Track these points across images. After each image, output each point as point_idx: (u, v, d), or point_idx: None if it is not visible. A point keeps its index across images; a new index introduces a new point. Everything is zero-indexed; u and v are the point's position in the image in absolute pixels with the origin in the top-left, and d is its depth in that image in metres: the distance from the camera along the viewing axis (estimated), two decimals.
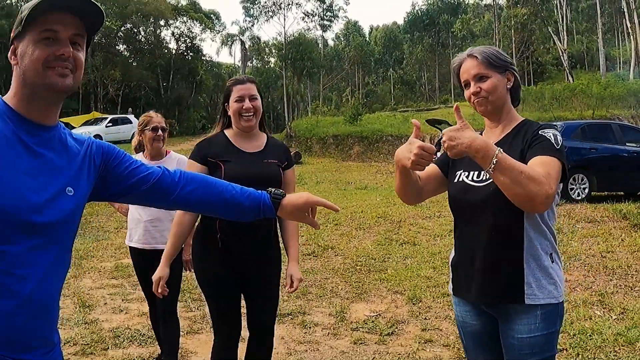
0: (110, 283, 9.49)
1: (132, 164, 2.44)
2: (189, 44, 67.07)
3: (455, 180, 3.14)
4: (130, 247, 5.83)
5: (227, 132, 4.34)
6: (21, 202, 1.95)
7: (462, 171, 3.12)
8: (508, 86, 3.09)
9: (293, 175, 4.44)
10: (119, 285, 9.30)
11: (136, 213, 5.64)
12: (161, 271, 4.19)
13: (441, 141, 2.76)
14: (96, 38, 55.50)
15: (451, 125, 2.93)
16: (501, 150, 2.66)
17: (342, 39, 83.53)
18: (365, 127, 38.03)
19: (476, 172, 3.03)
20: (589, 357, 5.63)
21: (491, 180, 2.82)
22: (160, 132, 5.60)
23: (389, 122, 39.63)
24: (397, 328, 6.88)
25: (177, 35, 66.93)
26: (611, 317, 6.83)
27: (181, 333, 5.99)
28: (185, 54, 66.81)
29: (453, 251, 3.26)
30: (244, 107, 4.17)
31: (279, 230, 4.41)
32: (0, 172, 1.91)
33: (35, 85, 2.02)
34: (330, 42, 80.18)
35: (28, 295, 1.97)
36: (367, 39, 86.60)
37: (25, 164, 1.99)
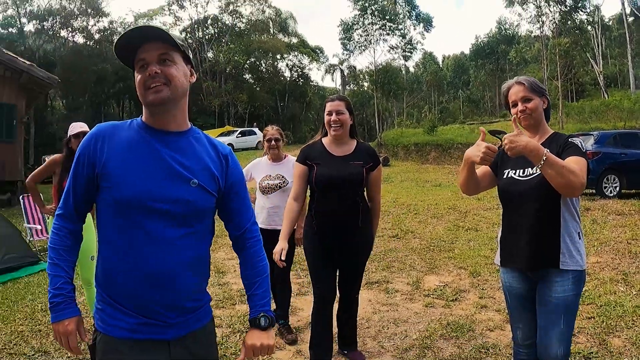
0: None
1: (240, 203, 2.36)
2: (300, 73, 67.55)
3: (504, 177, 3.33)
4: (260, 228, 6.03)
5: (324, 140, 4.45)
6: (146, 191, 1.99)
7: (509, 169, 3.30)
8: (543, 107, 3.32)
9: (378, 174, 4.44)
10: None
11: (261, 201, 5.77)
12: (281, 245, 4.19)
13: (502, 144, 2.95)
14: (227, 69, 56.89)
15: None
16: (548, 150, 2.85)
17: (421, 66, 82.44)
18: (440, 137, 37.52)
19: (520, 170, 3.23)
20: (612, 324, 5.52)
21: (533, 175, 3.11)
22: (273, 142, 5.77)
23: (459, 132, 38.97)
24: (459, 296, 6.89)
25: (291, 66, 67.58)
26: (632, 292, 6.64)
27: (292, 294, 6.21)
28: (297, 80, 67.26)
29: (500, 231, 3.40)
30: (332, 120, 4.30)
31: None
32: (133, 169, 2.00)
33: (144, 104, 2.13)
34: (411, 69, 79.26)
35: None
36: (441, 66, 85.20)
37: (151, 161, 2.04)
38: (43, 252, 10.34)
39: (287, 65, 67.94)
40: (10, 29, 48.97)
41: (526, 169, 3.21)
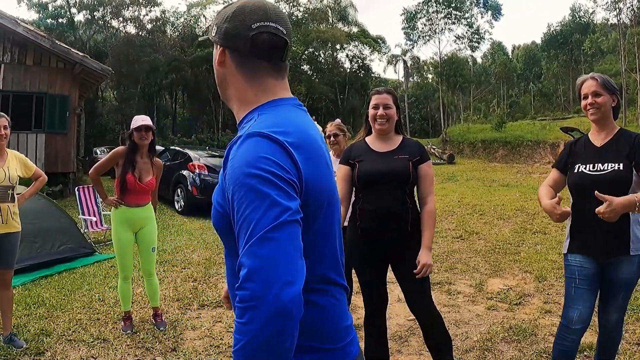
0: None
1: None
2: (360, 64, 67.33)
3: (576, 171, 3.74)
4: None
5: (368, 138, 4.42)
6: None
7: (579, 164, 3.72)
8: (613, 105, 3.71)
9: (428, 169, 4.20)
10: None
11: None
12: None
13: (598, 210, 3.24)
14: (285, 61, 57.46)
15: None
16: (637, 195, 3.22)
17: (489, 57, 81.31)
18: (509, 134, 37.08)
19: (590, 165, 3.65)
20: None
21: (605, 171, 3.56)
22: (332, 138, 6.09)
23: (529, 129, 38.38)
24: (523, 300, 6.96)
25: (351, 57, 67.38)
26: None
27: (353, 292, 6.40)
28: (358, 72, 67.07)
29: (570, 222, 3.82)
30: (378, 114, 4.26)
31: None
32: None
33: None
34: (479, 60, 78.20)
35: None
36: (510, 57, 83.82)
37: None
38: (97, 243, 10.86)
39: (347, 56, 67.90)
40: (60, 20, 50.49)
41: (596, 164, 3.63)
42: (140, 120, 5.92)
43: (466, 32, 52.33)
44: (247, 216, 1.48)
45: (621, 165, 3.55)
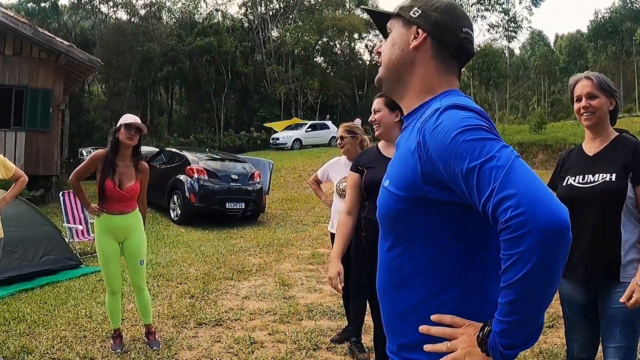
0: (307, 267, 10.29)
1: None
2: None
3: (564, 184, 3.64)
4: (331, 232, 6.48)
5: (380, 143, 4.58)
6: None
7: (569, 176, 3.63)
8: (610, 108, 3.59)
9: None
10: (315, 270, 10.06)
11: (339, 205, 6.08)
12: (335, 267, 4.27)
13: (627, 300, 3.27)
14: (295, 51, 57.41)
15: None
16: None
17: (528, 49, 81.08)
18: (550, 136, 36.89)
19: (580, 177, 3.55)
20: None
21: (594, 183, 3.44)
22: (339, 140, 6.32)
23: (573, 130, 38.18)
24: (556, 322, 6.98)
25: (370, 48, 67.37)
26: None
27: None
28: (378, 64, 66.75)
29: None
30: (369, 120, 4.46)
31: None
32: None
33: None
34: (516, 52, 78.00)
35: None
36: (552, 48, 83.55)
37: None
38: (84, 254, 11.01)
39: (366, 46, 67.97)
40: (42, 4, 50.83)
41: (586, 176, 3.52)
42: (132, 118, 5.97)
43: (501, 20, 52.34)
44: (483, 161, 1.59)
45: (613, 175, 3.41)
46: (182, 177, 16.20)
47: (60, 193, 12.24)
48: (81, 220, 11.93)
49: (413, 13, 2.01)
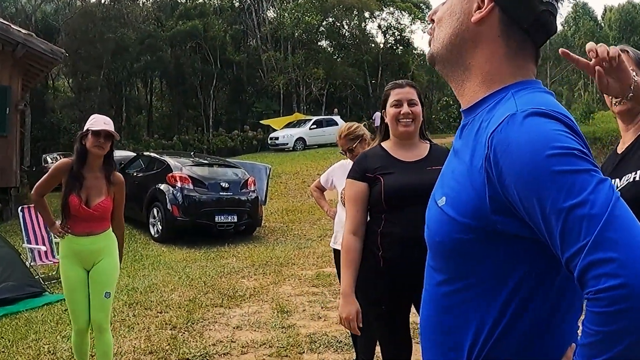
0: (310, 291, 10.31)
1: None
2: (398, 37, 66.60)
3: None
4: (334, 249, 6.38)
5: (385, 144, 4.43)
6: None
7: (612, 178, 3.36)
8: None
9: None
10: (319, 293, 10.08)
11: (344, 216, 5.95)
12: (352, 305, 4.17)
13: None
14: (295, 34, 57.38)
15: None
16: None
17: (571, 24, 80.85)
18: (599, 127, 36.83)
19: (618, 179, 3.28)
20: None
21: (628, 182, 3.16)
22: (347, 155, 6.27)
23: None
24: None
25: (384, 28, 66.81)
26: None
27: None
28: (394, 47, 66.28)
29: None
30: (402, 112, 4.27)
31: None
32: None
33: None
34: (559, 28, 77.88)
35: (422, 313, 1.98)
36: (600, 22, 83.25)
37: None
38: (48, 280, 11.07)
39: (379, 26, 67.40)
40: None
41: (614, 180, 3.23)
42: (102, 122, 5.81)
43: None
44: (573, 205, 1.44)
45: (637, 174, 3.13)
46: (162, 186, 16.27)
47: (20, 208, 12.24)
48: (44, 240, 11.95)
49: None
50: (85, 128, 5.83)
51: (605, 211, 1.40)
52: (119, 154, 25.83)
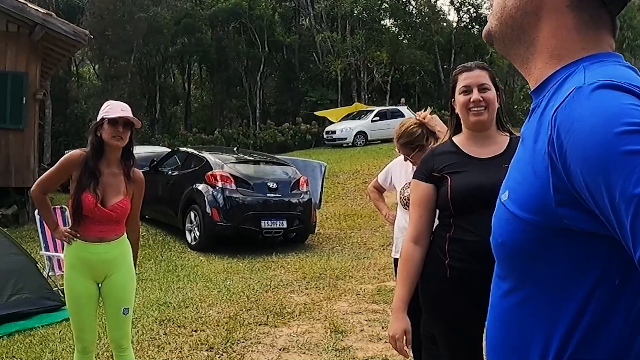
0: (370, 308, 10.27)
1: None
2: (473, 14, 66.16)
3: None
4: (395, 259, 6.13)
5: (457, 139, 4.37)
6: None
7: None
8: None
9: None
10: (380, 311, 10.01)
11: (403, 221, 5.90)
12: (401, 321, 4.14)
13: None
14: (354, 12, 57.25)
15: None
16: None
17: None
18: None
19: None
20: None
21: None
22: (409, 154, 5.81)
23: None
24: None
25: (458, 4, 66.44)
26: None
27: None
28: (469, 27, 65.53)
29: None
30: (472, 100, 4.19)
31: None
32: None
33: None
34: None
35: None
36: None
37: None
38: None
39: (451, 2, 67.16)
40: None
41: None
42: (119, 108, 5.72)
43: None
44: None
45: None
46: (201, 186, 16.31)
47: (36, 211, 12.32)
48: (64, 247, 11.99)
49: None
50: (99, 117, 5.71)
51: None
52: (151, 149, 26.22)
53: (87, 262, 5.66)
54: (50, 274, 11.34)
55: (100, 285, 5.77)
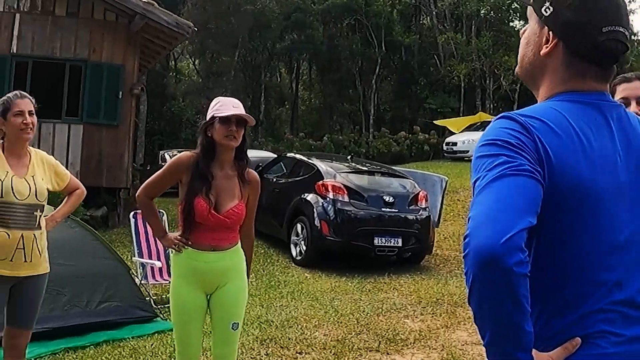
0: None
1: None
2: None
3: None
4: None
5: None
6: None
7: None
8: None
9: None
10: None
11: None
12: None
13: None
14: (480, 11, 56.89)
15: None
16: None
17: None
18: None
19: None
20: None
21: None
22: None
23: None
24: None
25: None
26: None
27: None
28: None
29: None
30: None
31: None
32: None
33: None
34: None
35: None
36: None
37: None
38: (162, 304, 11.24)
39: None
40: None
41: None
42: (230, 105, 5.72)
43: None
44: (477, 178, 2.25)
45: None
46: (310, 197, 16.31)
47: (132, 214, 12.46)
48: (160, 254, 12.19)
49: (545, 10, 2.49)
50: (209, 115, 5.75)
51: (486, 183, 2.20)
52: (256, 154, 26.33)
53: (197, 271, 5.69)
54: (142, 282, 11.45)
55: (209, 297, 5.77)
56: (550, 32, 2.46)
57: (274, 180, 18.14)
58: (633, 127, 2.50)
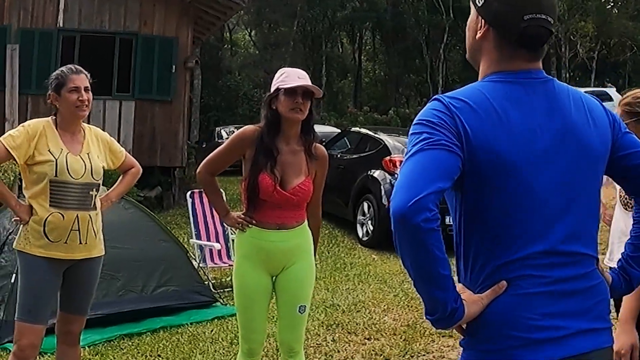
0: None
1: None
2: None
3: None
4: (610, 267, 5.74)
5: None
6: None
7: None
8: None
9: None
10: None
11: (623, 224, 5.12)
12: (627, 337, 4.12)
13: None
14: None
15: None
16: None
17: None
18: None
19: None
20: None
21: None
22: None
23: None
24: None
25: None
26: None
27: None
28: None
29: None
30: None
31: None
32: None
33: None
34: None
35: None
36: None
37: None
38: (222, 288, 11.38)
39: None
40: None
41: None
42: (296, 76, 5.68)
43: None
44: (406, 152, 2.79)
45: None
46: (377, 173, 16.24)
47: (189, 194, 12.52)
48: (219, 235, 12.24)
49: (479, 1, 3.03)
50: (273, 87, 5.70)
51: (409, 155, 2.73)
52: (318, 129, 26.13)
53: (263, 251, 5.67)
54: (201, 265, 11.51)
55: (274, 278, 5.76)
56: (483, 20, 3.00)
57: (338, 156, 18.09)
58: (557, 99, 3.04)
